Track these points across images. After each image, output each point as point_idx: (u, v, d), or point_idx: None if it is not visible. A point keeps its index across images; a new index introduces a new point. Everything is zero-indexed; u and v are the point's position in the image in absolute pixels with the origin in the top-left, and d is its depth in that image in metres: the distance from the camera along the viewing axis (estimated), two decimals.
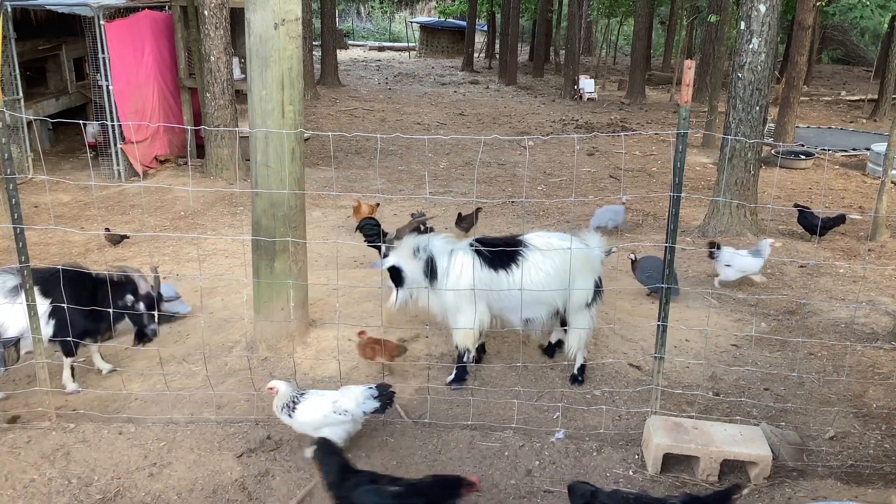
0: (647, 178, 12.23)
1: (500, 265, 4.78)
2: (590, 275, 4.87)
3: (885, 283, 7.21)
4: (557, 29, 32.44)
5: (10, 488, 3.80)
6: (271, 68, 4.71)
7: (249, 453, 4.12)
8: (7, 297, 4.49)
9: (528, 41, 35.86)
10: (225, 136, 10.92)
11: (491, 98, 21.81)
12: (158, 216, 9.31)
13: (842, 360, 5.41)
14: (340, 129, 15.64)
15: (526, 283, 4.67)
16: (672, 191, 4.02)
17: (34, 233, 8.03)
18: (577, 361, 5.02)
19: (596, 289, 4.91)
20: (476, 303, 4.73)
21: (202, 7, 10.36)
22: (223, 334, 5.56)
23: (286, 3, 4.66)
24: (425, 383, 4.85)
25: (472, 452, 4.16)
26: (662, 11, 32.40)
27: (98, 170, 10.86)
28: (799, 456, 4.18)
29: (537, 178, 11.94)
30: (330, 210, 9.73)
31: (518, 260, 4.76)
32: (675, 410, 4.65)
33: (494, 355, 5.25)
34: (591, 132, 15.50)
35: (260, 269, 5.08)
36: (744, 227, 8.53)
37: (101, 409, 4.61)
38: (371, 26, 47.83)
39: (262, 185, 4.89)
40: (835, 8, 14.00)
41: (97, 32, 10.15)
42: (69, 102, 12.49)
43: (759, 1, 7.99)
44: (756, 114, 8.26)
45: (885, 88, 17.97)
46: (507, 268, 4.76)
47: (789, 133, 13.73)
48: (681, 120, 3.90)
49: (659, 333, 4.21)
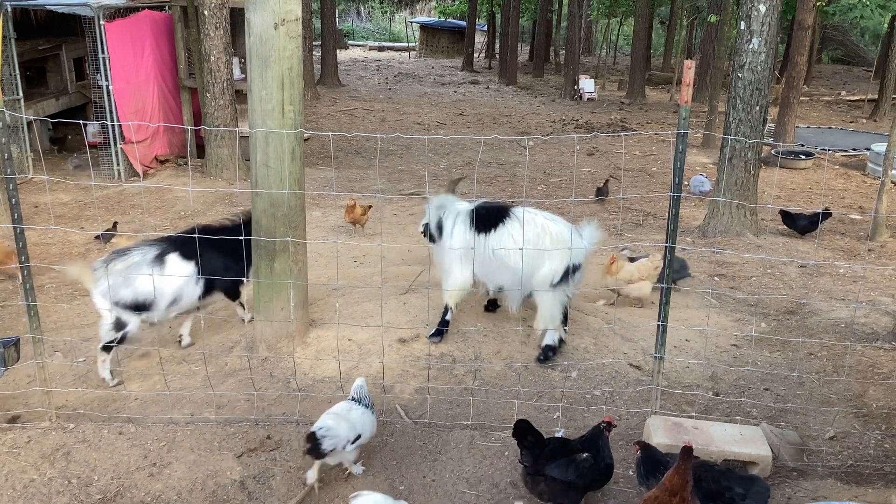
0: (647, 178, 12.23)
1: (481, 229, 5.13)
2: (560, 258, 5.04)
3: (885, 283, 7.21)
4: (557, 29, 32.45)
5: (10, 488, 3.80)
6: (271, 68, 4.71)
7: (249, 453, 4.12)
8: (153, 266, 4.85)
9: (528, 41, 35.86)
10: (225, 136, 10.92)
11: (491, 98, 21.82)
12: (158, 216, 9.31)
13: (842, 360, 5.41)
14: (340, 129, 15.64)
15: (496, 249, 5.03)
16: (672, 191, 4.02)
17: (34, 233, 8.03)
18: (543, 340, 5.23)
19: (566, 274, 5.06)
20: (464, 264, 5.17)
21: (202, 7, 10.36)
22: (223, 334, 5.56)
23: (286, 3, 4.66)
24: (425, 383, 4.85)
25: (472, 452, 4.16)
26: (662, 11, 32.40)
27: (98, 170, 10.86)
28: (799, 456, 4.18)
29: (537, 178, 11.94)
30: (330, 210, 9.73)
31: (498, 227, 5.11)
32: (675, 410, 4.65)
33: (494, 355, 5.25)
34: (591, 132, 15.50)
35: (260, 269, 5.08)
36: (744, 227, 8.52)
37: (101, 409, 4.61)
38: (371, 26, 47.85)
39: (262, 185, 4.89)
40: (835, 8, 14.01)
41: (97, 32, 10.15)
42: (69, 102, 12.48)
43: (759, 1, 7.99)
44: (756, 114, 8.26)
45: (885, 88, 17.97)
46: (487, 232, 5.13)
47: (789, 133, 13.74)
48: (681, 120, 3.90)
49: (659, 333, 4.21)
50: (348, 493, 3.80)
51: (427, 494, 3.85)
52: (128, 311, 4.82)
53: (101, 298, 4.79)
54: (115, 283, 4.74)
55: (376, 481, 3.91)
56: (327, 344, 5.22)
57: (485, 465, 4.06)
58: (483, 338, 5.40)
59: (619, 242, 8.14)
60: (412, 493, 3.85)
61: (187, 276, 4.95)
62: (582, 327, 5.68)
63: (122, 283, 4.77)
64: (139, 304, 4.84)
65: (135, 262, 4.85)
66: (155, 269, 4.83)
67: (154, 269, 4.82)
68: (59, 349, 5.47)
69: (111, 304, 4.78)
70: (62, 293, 6.73)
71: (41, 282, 6.85)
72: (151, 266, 4.83)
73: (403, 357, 5.15)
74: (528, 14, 31.70)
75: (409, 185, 11.37)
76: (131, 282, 4.79)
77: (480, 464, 4.08)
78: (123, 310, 4.81)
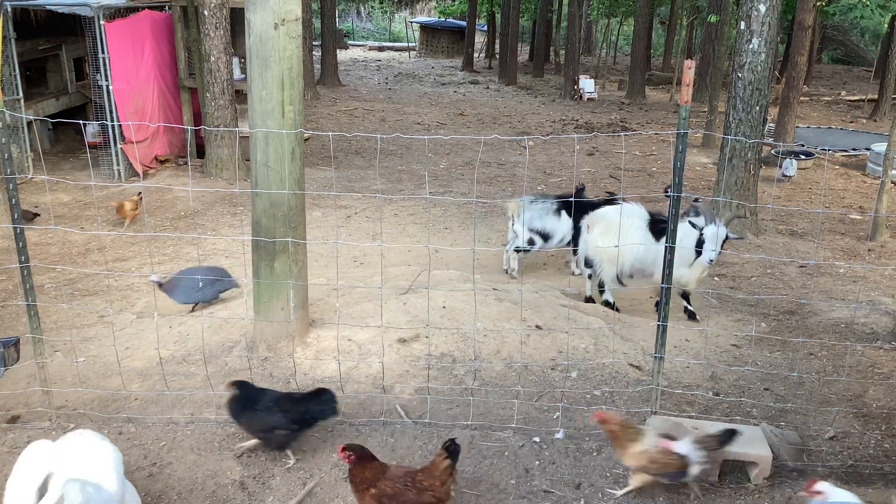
0: (647, 178, 12.23)
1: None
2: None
3: (885, 283, 7.21)
4: (557, 29, 32.45)
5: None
6: (271, 68, 4.70)
7: (249, 453, 4.12)
8: (551, 214, 7.34)
9: (528, 41, 35.85)
10: (225, 136, 10.92)
11: (491, 98, 21.82)
12: (158, 216, 9.31)
13: (842, 360, 5.42)
14: (340, 129, 15.64)
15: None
16: (672, 191, 4.02)
17: (34, 233, 8.03)
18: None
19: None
20: None
21: (202, 7, 10.36)
22: (223, 334, 5.56)
23: (286, 3, 4.66)
24: (425, 383, 4.85)
25: (472, 452, 4.16)
26: (662, 11, 32.39)
27: (98, 170, 10.86)
28: (799, 456, 4.18)
29: (537, 178, 11.94)
30: (330, 210, 9.73)
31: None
32: (675, 410, 4.65)
33: (494, 355, 5.25)
34: (591, 132, 15.50)
35: (260, 270, 5.08)
36: (744, 228, 8.53)
37: (101, 409, 4.61)
38: (371, 26, 47.83)
39: (262, 185, 4.89)
40: (835, 8, 14.02)
41: (97, 32, 10.15)
42: (69, 102, 12.48)
43: (759, 1, 8.00)
44: (756, 114, 8.26)
45: (885, 88, 17.97)
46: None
47: (789, 133, 13.73)
48: (681, 120, 3.90)
49: (659, 333, 4.21)
50: (348, 494, 3.81)
51: None
52: (537, 235, 7.37)
53: (520, 225, 7.36)
54: (532, 216, 7.33)
55: None
56: (327, 344, 5.22)
57: (485, 465, 4.06)
58: (483, 338, 5.40)
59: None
60: None
61: (569, 227, 7.32)
62: (582, 327, 5.68)
63: (536, 217, 7.35)
64: (544, 234, 7.39)
65: (545, 208, 7.36)
66: (554, 216, 7.37)
67: (554, 216, 7.37)
68: (59, 349, 5.47)
69: (528, 230, 7.35)
70: (62, 293, 6.73)
71: (41, 282, 6.85)
72: (553, 214, 7.36)
73: (403, 357, 5.15)
74: (528, 14, 31.68)
75: (410, 185, 11.37)
76: (543, 218, 7.35)
77: (480, 464, 4.08)
78: (535, 234, 7.36)
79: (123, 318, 6.20)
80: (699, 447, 3.73)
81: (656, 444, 3.73)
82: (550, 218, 7.38)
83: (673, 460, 3.69)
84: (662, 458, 3.69)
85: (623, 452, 3.79)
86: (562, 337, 5.44)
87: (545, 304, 6.22)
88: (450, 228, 9.22)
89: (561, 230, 7.39)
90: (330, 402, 4.09)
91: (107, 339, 5.48)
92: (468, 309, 5.73)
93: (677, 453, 3.70)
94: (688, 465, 3.69)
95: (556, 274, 7.67)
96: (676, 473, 3.72)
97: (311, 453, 4.13)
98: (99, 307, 6.41)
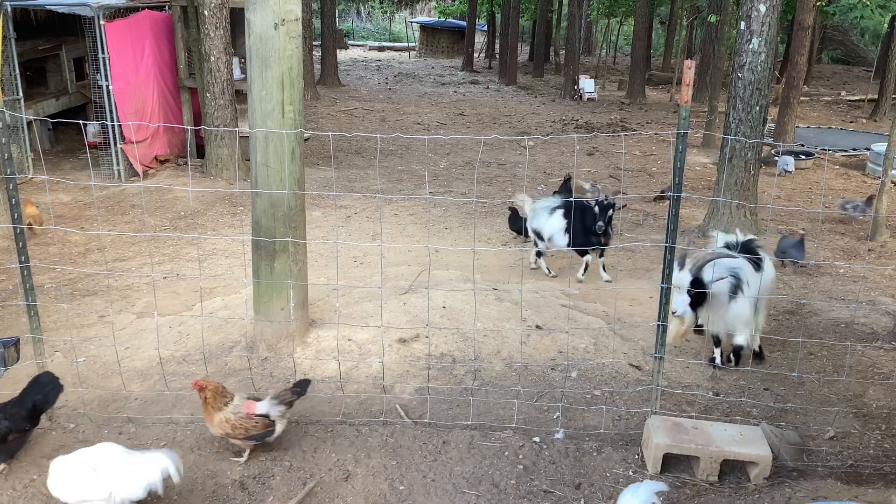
0: (647, 178, 12.23)
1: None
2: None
3: (885, 283, 7.21)
4: (557, 29, 32.44)
5: (10, 488, 3.79)
6: (271, 68, 4.71)
7: (249, 453, 4.12)
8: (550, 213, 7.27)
9: (528, 41, 35.84)
10: (225, 136, 10.91)
11: (491, 98, 21.82)
12: (158, 216, 9.31)
13: (842, 360, 5.41)
14: (340, 129, 15.63)
15: None
16: (672, 191, 4.02)
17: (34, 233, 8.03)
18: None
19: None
20: None
21: (202, 7, 10.36)
22: (223, 334, 5.56)
23: (286, 3, 4.66)
24: (425, 383, 4.85)
25: (472, 452, 4.16)
26: (662, 11, 32.39)
27: (98, 170, 10.86)
28: (799, 456, 4.18)
29: (537, 178, 11.94)
30: (330, 210, 9.73)
31: None
32: (675, 410, 4.65)
33: (494, 355, 5.25)
34: (591, 132, 15.49)
35: (260, 270, 5.08)
36: (744, 228, 8.52)
37: (100, 409, 4.61)
38: (371, 26, 47.83)
39: (262, 185, 4.89)
40: (835, 8, 14.02)
41: (97, 32, 10.14)
42: (69, 102, 12.47)
43: (759, 1, 7.99)
44: (756, 114, 8.26)
45: (885, 88, 17.96)
46: None
47: (789, 133, 13.73)
48: (681, 120, 3.90)
49: (659, 333, 4.21)
50: (348, 494, 3.81)
51: (427, 494, 3.85)
52: (536, 236, 7.47)
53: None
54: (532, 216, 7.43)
55: (376, 481, 3.91)
56: (327, 344, 5.22)
57: (485, 465, 4.07)
58: (483, 338, 5.40)
59: (621, 242, 8.14)
60: (412, 493, 3.85)
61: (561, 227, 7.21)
62: (582, 327, 5.68)
63: (533, 217, 7.44)
64: (538, 233, 7.42)
65: (541, 208, 7.39)
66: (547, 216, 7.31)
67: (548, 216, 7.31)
68: (58, 349, 5.47)
69: (532, 229, 7.49)
70: (62, 293, 6.73)
71: (41, 282, 6.85)
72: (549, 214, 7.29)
73: (403, 357, 5.15)
74: (528, 14, 31.67)
75: (409, 185, 11.37)
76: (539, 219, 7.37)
77: (480, 464, 4.08)
78: (534, 234, 7.50)
79: (123, 318, 6.20)
80: (277, 402, 3.92)
81: (239, 409, 3.88)
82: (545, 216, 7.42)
83: (255, 423, 3.86)
84: (244, 423, 3.85)
85: (210, 421, 3.92)
86: (562, 337, 5.44)
87: (545, 304, 6.23)
88: (450, 228, 9.21)
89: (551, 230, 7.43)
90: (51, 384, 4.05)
91: (107, 339, 5.48)
92: (468, 309, 5.73)
93: (258, 415, 3.86)
94: (273, 424, 3.89)
95: (556, 274, 7.66)
96: (264, 434, 3.92)
97: (311, 453, 4.13)
98: (99, 307, 6.40)
